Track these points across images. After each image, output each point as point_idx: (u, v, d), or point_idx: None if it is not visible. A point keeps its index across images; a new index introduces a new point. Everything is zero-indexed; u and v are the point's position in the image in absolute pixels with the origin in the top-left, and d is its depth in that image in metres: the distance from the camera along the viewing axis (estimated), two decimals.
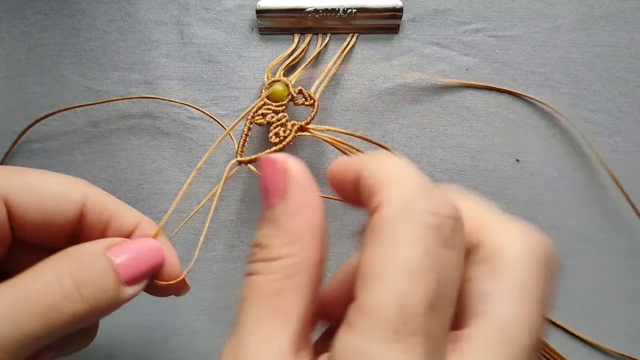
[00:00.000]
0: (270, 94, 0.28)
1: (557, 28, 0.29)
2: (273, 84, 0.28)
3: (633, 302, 0.31)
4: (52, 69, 0.30)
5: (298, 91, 0.28)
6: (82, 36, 0.29)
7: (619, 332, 0.31)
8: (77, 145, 0.31)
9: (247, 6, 0.29)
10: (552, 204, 0.30)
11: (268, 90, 0.28)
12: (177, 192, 0.31)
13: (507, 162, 0.30)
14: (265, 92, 0.28)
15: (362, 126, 0.30)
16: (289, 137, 0.27)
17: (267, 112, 0.28)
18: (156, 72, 0.30)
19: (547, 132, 0.30)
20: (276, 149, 0.27)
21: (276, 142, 0.27)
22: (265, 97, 0.28)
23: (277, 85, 0.28)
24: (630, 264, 0.31)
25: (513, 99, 0.30)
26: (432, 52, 0.30)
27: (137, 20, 0.29)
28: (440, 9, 0.29)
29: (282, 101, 0.28)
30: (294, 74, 0.28)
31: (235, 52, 0.30)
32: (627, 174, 0.30)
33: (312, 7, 0.28)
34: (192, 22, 0.29)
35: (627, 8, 0.29)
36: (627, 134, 0.30)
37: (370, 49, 0.30)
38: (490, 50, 0.29)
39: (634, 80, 0.30)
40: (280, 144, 0.27)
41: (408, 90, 0.30)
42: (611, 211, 0.30)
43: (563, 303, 0.31)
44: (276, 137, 0.27)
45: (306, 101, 0.28)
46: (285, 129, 0.27)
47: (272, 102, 0.28)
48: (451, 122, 0.30)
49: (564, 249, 0.31)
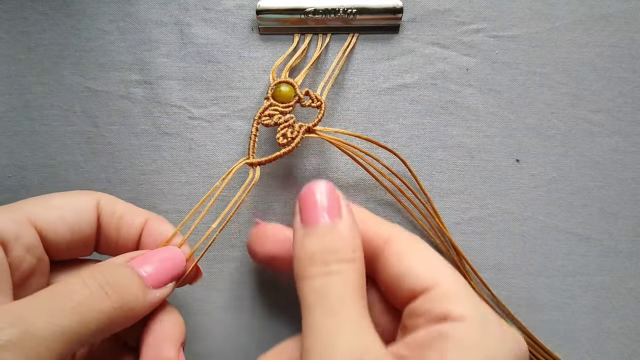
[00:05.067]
0: (276, 95, 0.28)
1: (557, 28, 0.29)
2: (279, 84, 0.28)
3: (633, 302, 0.31)
4: (52, 69, 0.30)
5: (305, 92, 0.28)
6: (82, 36, 0.30)
7: (619, 332, 0.31)
8: (77, 145, 0.31)
9: (247, 6, 0.29)
10: (552, 204, 0.30)
11: (274, 91, 0.28)
12: (177, 193, 0.31)
13: (507, 162, 0.30)
14: (271, 92, 0.28)
15: (361, 126, 0.30)
16: (297, 139, 0.27)
17: (274, 113, 0.28)
18: (156, 72, 0.30)
19: (547, 132, 0.30)
20: (285, 151, 0.27)
21: (284, 144, 0.27)
22: (272, 98, 0.28)
23: (283, 86, 0.28)
24: (630, 264, 0.31)
25: (513, 99, 0.30)
26: (432, 52, 0.29)
27: (137, 20, 0.29)
28: (440, 9, 0.29)
29: (289, 102, 0.28)
30: (300, 75, 0.28)
31: (235, 52, 0.30)
32: (627, 174, 0.30)
33: (312, 7, 0.28)
34: (192, 22, 0.29)
35: (627, 8, 0.29)
36: (627, 134, 0.30)
37: (370, 49, 0.30)
38: (490, 50, 0.29)
39: (634, 80, 0.30)
40: (288, 145, 0.27)
41: (408, 90, 0.30)
42: (611, 211, 0.30)
43: (563, 303, 0.31)
44: (284, 139, 0.27)
45: (313, 103, 0.28)
46: (293, 130, 0.27)
47: (278, 103, 0.28)
48: (451, 122, 0.30)
49: (564, 249, 0.31)
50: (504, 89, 0.30)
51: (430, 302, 0.21)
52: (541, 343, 0.31)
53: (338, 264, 0.20)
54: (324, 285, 0.20)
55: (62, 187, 0.31)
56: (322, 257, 0.21)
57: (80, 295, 0.20)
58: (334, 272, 0.20)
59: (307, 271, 0.21)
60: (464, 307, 0.20)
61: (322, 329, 0.19)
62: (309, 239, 0.21)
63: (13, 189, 0.31)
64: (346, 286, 0.20)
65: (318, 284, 0.20)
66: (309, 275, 0.21)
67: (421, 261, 0.22)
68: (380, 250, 0.23)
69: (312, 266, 0.21)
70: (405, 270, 0.22)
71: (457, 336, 0.19)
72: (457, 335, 0.19)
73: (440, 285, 0.21)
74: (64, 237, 0.23)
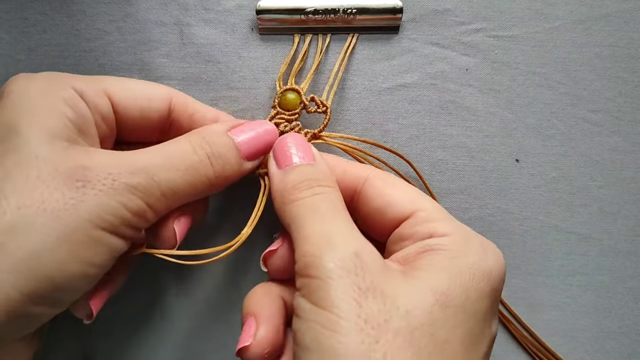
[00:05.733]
0: (282, 103, 0.28)
1: (557, 28, 0.29)
2: (286, 92, 0.28)
3: (632, 302, 0.31)
4: (52, 69, 0.30)
5: (310, 99, 0.28)
6: (82, 37, 0.29)
7: (618, 332, 0.31)
8: None
9: (247, 6, 0.29)
10: (552, 204, 0.31)
11: (280, 99, 0.28)
12: None
13: (507, 162, 0.30)
14: (277, 100, 0.28)
15: (361, 126, 0.30)
16: None
17: (280, 121, 0.28)
18: (156, 73, 0.30)
19: (546, 132, 0.30)
20: None
21: None
22: (278, 106, 0.28)
23: (289, 93, 0.28)
24: (630, 264, 0.31)
25: (513, 99, 0.30)
26: (432, 52, 0.30)
27: (137, 20, 0.29)
28: (440, 9, 0.29)
29: (295, 109, 0.28)
30: (305, 81, 0.28)
31: (235, 53, 0.30)
32: (627, 173, 0.30)
33: (312, 7, 0.28)
34: (192, 22, 0.29)
35: (627, 8, 0.29)
36: (627, 134, 0.30)
37: (370, 49, 0.30)
38: (490, 50, 0.29)
39: (633, 80, 0.30)
40: None
41: (408, 90, 0.30)
42: (611, 211, 0.30)
43: (563, 303, 0.31)
44: None
45: (319, 108, 0.28)
46: None
47: (284, 111, 0.28)
48: (451, 122, 0.30)
49: (563, 249, 0.31)
50: (503, 89, 0.30)
51: (415, 226, 0.23)
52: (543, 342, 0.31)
53: (322, 188, 0.23)
54: (313, 202, 0.22)
55: None
56: (306, 184, 0.23)
57: (191, 160, 0.23)
58: (319, 193, 0.23)
59: (293, 196, 0.23)
60: (447, 226, 0.23)
61: (317, 234, 0.21)
62: (290, 175, 0.23)
63: None
64: (333, 202, 0.23)
65: (307, 202, 0.22)
66: (296, 198, 0.22)
67: (401, 192, 0.25)
68: (361, 187, 0.25)
69: (298, 192, 0.23)
70: (387, 201, 0.24)
71: (443, 247, 0.22)
72: (443, 246, 0.22)
73: (422, 210, 0.24)
74: (134, 118, 0.25)
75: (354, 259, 0.20)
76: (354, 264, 0.20)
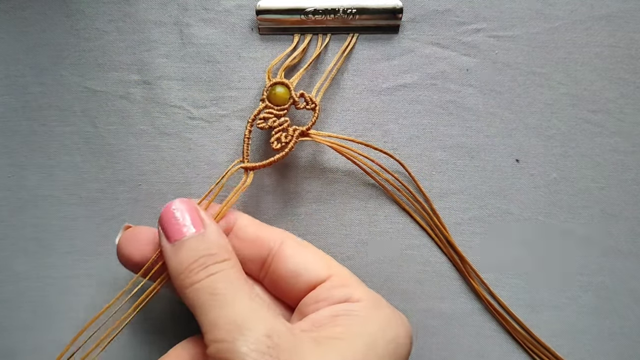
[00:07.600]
0: (271, 97, 0.27)
1: (557, 28, 0.29)
2: (275, 86, 0.28)
3: (633, 303, 0.31)
4: (51, 69, 0.30)
5: (300, 95, 0.28)
6: (81, 36, 0.29)
7: (619, 333, 0.31)
8: (76, 146, 0.31)
9: (247, 6, 0.29)
10: (552, 204, 0.30)
11: (269, 92, 0.28)
12: (176, 193, 0.31)
13: (507, 162, 0.30)
14: (266, 93, 0.28)
15: (361, 126, 0.30)
16: (291, 144, 0.27)
17: (268, 116, 0.27)
18: (156, 73, 0.30)
19: (547, 132, 0.30)
20: (279, 156, 0.27)
21: (278, 149, 0.27)
22: (267, 100, 0.28)
23: (278, 87, 0.28)
24: (631, 265, 0.31)
25: (513, 99, 0.30)
26: (432, 52, 0.29)
27: (136, 20, 0.29)
28: (440, 9, 0.29)
29: (284, 105, 0.28)
30: (295, 76, 0.28)
31: (235, 53, 0.29)
32: (628, 174, 0.30)
33: (312, 7, 0.28)
34: (191, 22, 0.29)
35: (627, 8, 0.29)
36: (628, 135, 0.30)
37: (370, 49, 0.29)
38: (490, 50, 0.29)
39: (634, 81, 0.30)
40: (282, 150, 0.27)
41: (408, 90, 0.30)
42: (612, 212, 0.30)
43: (563, 303, 0.31)
44: (278, 143, 0.27)
45: (307, 105, 0.28)
46: (287, 134, 0.27)
47: (273, 106, 0.28)
48: (451, 122, 0.30)
49: (564, 250, 0.31)
50: (504, 89, 0.30)
51: (331, 289, 0.24)
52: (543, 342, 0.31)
53: (217, 265, 0.22)
54: (210, 284, 0.22)
55: (60, 187, 0.31)
56: (200, 264, 0.22)
57: None
58: (215, 272, 0.22)
59: (189, 279, 0.22)
60: (360, 292, 0.24)
61: (223, 320, 0.21)
62: (182, 252, 0.23)
63: (12, 188, 0.31)
64: (231, 281, 0.22)
65: (205, 284, 0.22)
66: (192, 282, 0.22)
67: (317, 256, 0.26)
68: (276, 251, 0.26)
69: (194, 274, 0.22)
70: (304, 263, 0.25)
71: (357, 312, 0.23)
72: (357, 312, 0.23)
73: (337, 275, 0.25)
74: None
75: (266, 341, 0.20)
76: (266, 345, 0.20)
